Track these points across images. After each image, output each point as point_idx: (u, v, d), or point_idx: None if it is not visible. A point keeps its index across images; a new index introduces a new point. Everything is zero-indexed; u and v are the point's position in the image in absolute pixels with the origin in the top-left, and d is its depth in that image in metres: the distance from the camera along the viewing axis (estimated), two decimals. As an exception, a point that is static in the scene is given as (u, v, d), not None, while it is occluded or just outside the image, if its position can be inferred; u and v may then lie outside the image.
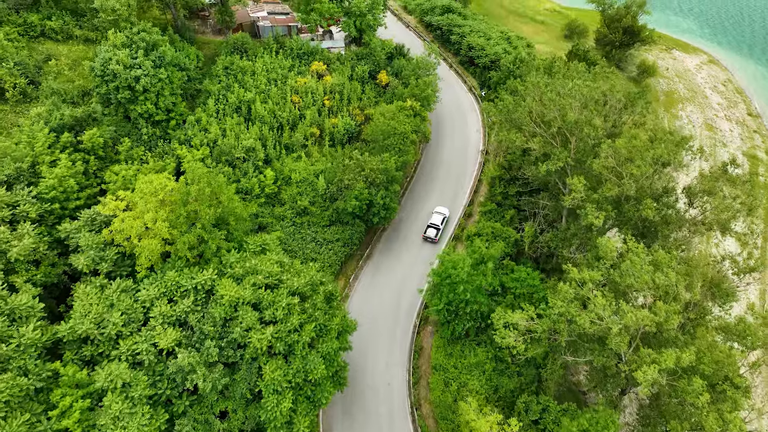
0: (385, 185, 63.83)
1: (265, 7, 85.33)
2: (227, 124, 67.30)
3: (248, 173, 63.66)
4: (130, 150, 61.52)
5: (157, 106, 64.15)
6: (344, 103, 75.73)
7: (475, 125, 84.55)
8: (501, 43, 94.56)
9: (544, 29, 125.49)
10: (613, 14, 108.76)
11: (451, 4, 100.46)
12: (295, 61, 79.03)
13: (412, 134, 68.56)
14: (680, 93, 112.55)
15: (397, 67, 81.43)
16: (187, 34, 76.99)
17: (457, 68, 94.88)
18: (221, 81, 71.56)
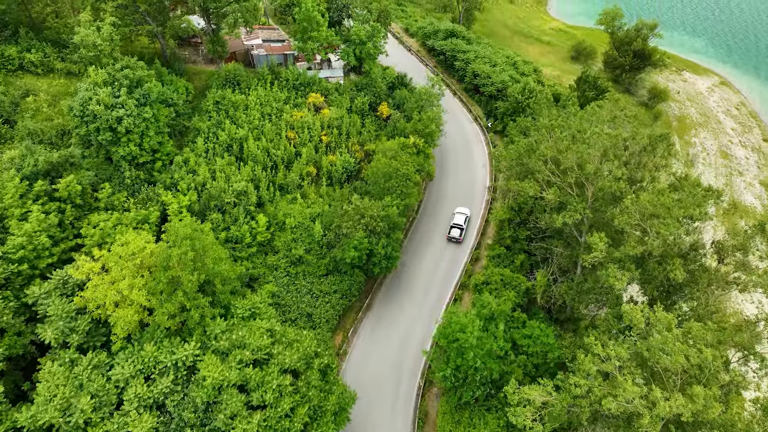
0: (387, 233, 59.13)
1: (259, 34, 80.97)
2: (217, 165, 62.64)
3: (239, 220, 58.96)
4: (110, 196, 56.89)
5: (142, 147, 59.55)
6: (343, 138, 71.17)
7: (481, 159, 79.90)
8: (507, 70, 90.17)
9: (550, 50, 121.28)
10: (623, 37, 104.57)
11: (455, 29, 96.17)
12: (291, 92, 74.53)
13: (416, 175, 63.93)
14: (693, 118, 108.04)
15: (399, 99, 76.91)
16: (176, 65, 72.47)
17: (461, 96, 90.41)
18: (211, 117, 66.96)
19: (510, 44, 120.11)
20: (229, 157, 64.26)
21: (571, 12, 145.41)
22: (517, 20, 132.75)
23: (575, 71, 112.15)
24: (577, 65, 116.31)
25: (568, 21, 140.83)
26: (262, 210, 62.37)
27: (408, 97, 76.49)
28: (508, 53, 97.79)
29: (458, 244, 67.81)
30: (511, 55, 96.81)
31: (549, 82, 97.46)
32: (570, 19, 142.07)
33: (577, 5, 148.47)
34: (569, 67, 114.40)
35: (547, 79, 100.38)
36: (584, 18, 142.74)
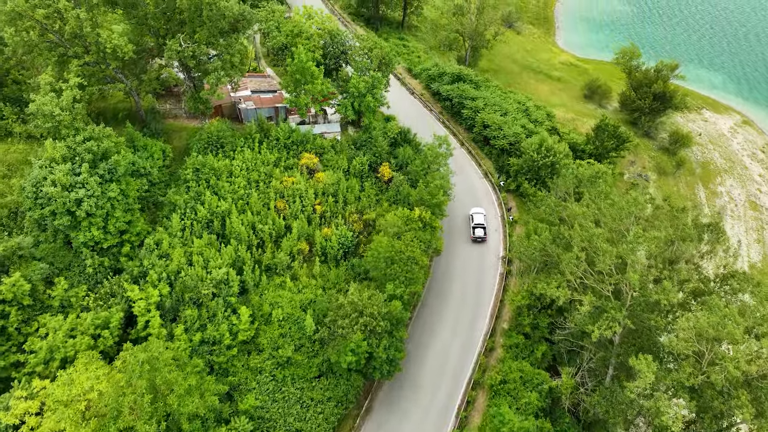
0: (389, 330, 50.71)
1: (248, 84, 73.21)
2: (194, 247, 54.38)
3: (217, 315, 50.53)
4: (67, 291, 48.63)
5: (106, 230, 51.36)
6: (339, 206, 62.96)
7: (492, 222, 71.58)
8: (519, 118, 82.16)
9: (561, 88, 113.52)
10: (641, 78, 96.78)
11: (462, 72, 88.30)
12: (282, 152, 66.41)
13: (422, 256, 55.64)
14: (717, 163, 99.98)
15: (403, 159, 68.79)
16: (153, 124, 64.43)
17: (469, 146, 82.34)
18: (189, 188, 58.75)
19: (519, 81, 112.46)
20: (209, 236, 55.92)
21: (579, 43, 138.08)
22: (525, 54, 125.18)
23: (589, 112, 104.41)
24: (591, 105, 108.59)
25: (578, 53, 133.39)
26: (245, 299, 53.94)
27: (412, 157, 68.36)
28: (519, 97, 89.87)
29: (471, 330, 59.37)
30: (522, 100, 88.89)
31: (564, 129, 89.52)
32: (579, 50, 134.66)
33: (585, 36, 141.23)
34: (583, 107, 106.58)
35: (561, 124, 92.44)
36: (594, 50, 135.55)
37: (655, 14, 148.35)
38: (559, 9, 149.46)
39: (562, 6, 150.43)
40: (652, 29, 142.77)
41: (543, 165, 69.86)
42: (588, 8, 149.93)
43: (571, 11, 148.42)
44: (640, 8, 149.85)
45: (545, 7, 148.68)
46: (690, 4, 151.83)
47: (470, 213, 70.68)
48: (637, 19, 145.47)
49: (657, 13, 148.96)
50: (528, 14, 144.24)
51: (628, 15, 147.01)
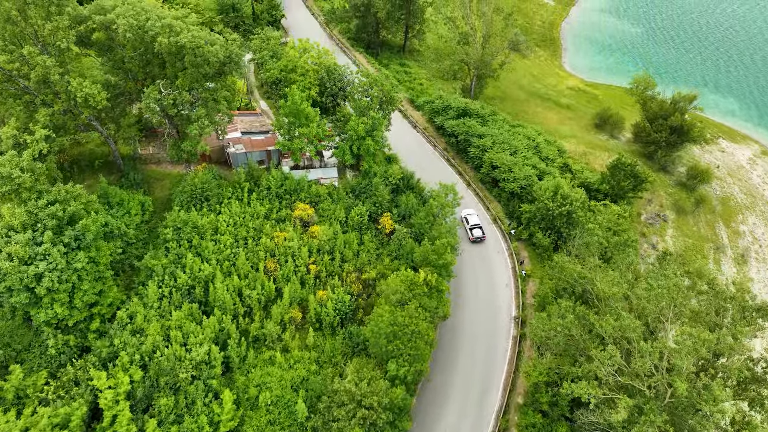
0: (391, 421, 44.55)
1: (238, 124, 67.41)
2: (173, 320, 48.30)
3: (196, 403, 44.37)
4: (24, 379, 42.54)
5: (72, 305, 45.36)
6: (336, 264, 56.93)
7: (503, 275, 65.47)
8: (530, 157, 76.23)
9: (570, 116, 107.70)
10: (657, 109, 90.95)
11: (468, 106, 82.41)
12: (274, 202, 60.46)
13: (428, 329, 49.47)
14: (737, 199, 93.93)
15: (405, 208, 62.82)
16: (132, 174, 58.52)
17: (476, 187, 76.37)
18: (170, 249, 52.72)
19: (526, 109, 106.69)
20: (189, 306, 49.80)
21: (586, 66, 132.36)
22: (531, 79, 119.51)
23: (601, 143, 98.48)
24: (603, 135, 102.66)
25: (586, 77, 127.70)
26: (229, 379, 47.74)
27: (416, 207, 62.40)
28: (529, 132, 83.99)
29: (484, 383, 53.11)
30: (532, 135, 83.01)
31: (576, 165, 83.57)
32: (587, 74, 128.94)
33: (592, 58, 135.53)
34: (594, 138, 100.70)
35: (573, 159, 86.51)
36: (602, 73, 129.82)
37: (662, 36, 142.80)
38: (566, 30, 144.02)
39: (568, 27, 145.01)
40: (661, 51, 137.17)
41: (558, 214, 63.87)
42: (594, 29, 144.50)
43: (577, 32, 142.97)
44: (647, 29, 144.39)
45: (551, 28, 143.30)
46: (698, 26, 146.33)
47: (463, 215, 70.15)
48: (645, 41, 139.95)
49: (665, 34, 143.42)
50: (533, 36, 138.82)
51: (636, 36, 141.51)
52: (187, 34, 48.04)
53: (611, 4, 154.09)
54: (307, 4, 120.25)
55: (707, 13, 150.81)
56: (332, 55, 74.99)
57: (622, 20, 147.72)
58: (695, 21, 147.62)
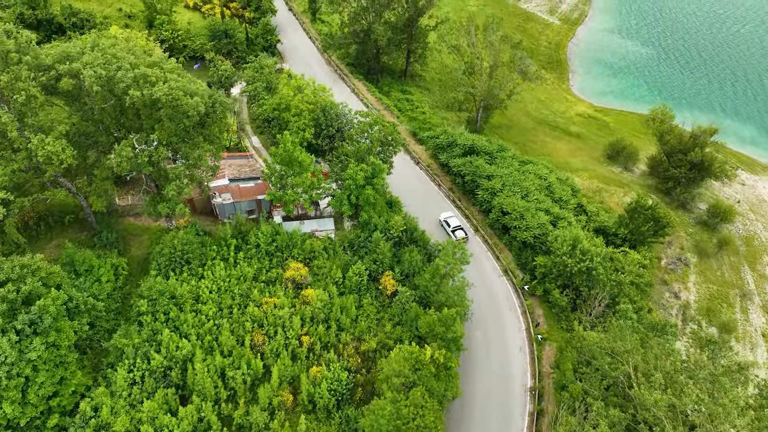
0: None
1: (225, 170, 61.43)
2: (144, 411, 42.15)
3: None
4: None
5: (26, 400, 39.24)
6: (332, 334, 50.80)
7: (516, 337, 59.23)
8: (542, 200, 70.19)
9: (581, 146, 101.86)
10: (675, 143, 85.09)
11: (475, 143, 76.34)
12: (263, 261, 54.42)
13: (437, 421, 43.20)
14: (761, 238, 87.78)
15: (409, 266, 56.67)
16: (105, 233, 52.52)
17: (484, 233, 70.29)
18: (144, 324, 46.68)
19: (535, 139, 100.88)
20: (164, 391, 43.63)
21: (595, 90, 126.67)
22: (539, 105, 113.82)
23: (615, 177, 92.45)
24: (616, 167, 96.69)
25: (595, 101, 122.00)
26: (208, 481, 41.58)
27: (420, 266, 56.30)
28: (539, 169, 77.84)
29: None
30: (543, 173, 76.92)
31: (591, 205, 77.44)
32: (596, 98, 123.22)
33: (601, 81, 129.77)
34: (607, 171, 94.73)
35: (588, 198, 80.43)
36: (612, 97, 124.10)
37: (672, 57, 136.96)
38: (573, 51, 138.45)
39: (575, 47, 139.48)
40: (671, 74, 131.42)
41: (577, 271, 57.77)
42: (603, 50, 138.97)
43: (585, 54, 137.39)
44: (657, 50, 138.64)
45: (557, 49, 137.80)
46: (706, 47, 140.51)
47: (442, 219, 69.39)
48: (655, 63, 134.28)
49: (674, 55, 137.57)
50: (539, 57, 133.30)
51: (645, 58, 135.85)
52: (162, 86, 42.11)
53: (618, 24, 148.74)
54: (304, 26, 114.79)
55: (714, 33, 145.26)
56: (329, 92, 69.09)
57: (631, 41, 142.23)
58: (703, 42, 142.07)
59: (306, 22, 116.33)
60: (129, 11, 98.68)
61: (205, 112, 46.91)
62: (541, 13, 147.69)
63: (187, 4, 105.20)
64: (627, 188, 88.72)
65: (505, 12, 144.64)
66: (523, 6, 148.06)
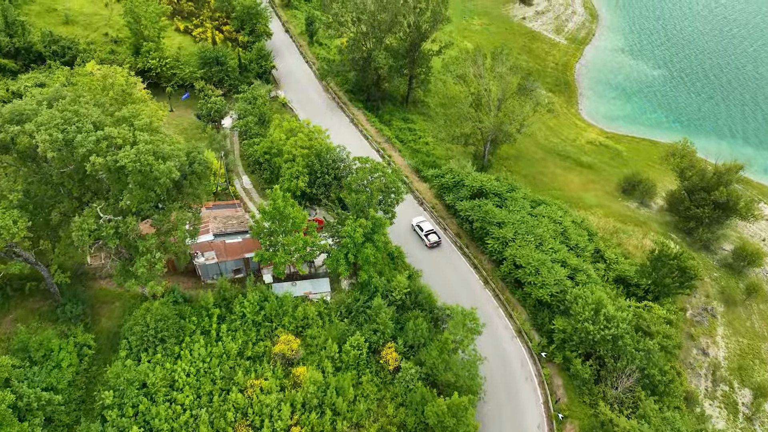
0: None
1: (210, 223, 55.05)
2: None
3: None
4: None
5: None
6: (326, 421, 44.44)
7: (533, 413, 52.67)
8: (558, 248, 63.75)
9: (593, 178, 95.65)
10: (697, 181, 78.94)
11: (484, 185, 69.92)
12: (250, 332, 48.07)
13: None
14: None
15: (414, 336, 50.22)
16: (68, 306, 46.25)
17: (495, 286, 63.85)
18: (108, 420, 40.32)
19: (545, 171, 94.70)
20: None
21: (605, 114, 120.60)
22: (548, 132, 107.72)
23: (633, 215, 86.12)
24: (632, 202, 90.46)
25: (605, 126, 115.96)
26: None
27: (426, 337, 49.95)
28: (553, 212, 71.26)
29: None
30: (557, 216, 70.48)
31: (610, 252, 71.09)
32: (606, 123, 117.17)
33: (611, 105, 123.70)
34: (622, 207, 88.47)
35: (605, 242, 74.11)
36: (623, 122, 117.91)
37: (684, 79, 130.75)
38: (581, 72, 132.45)
39: (583, 69, 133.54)
40: (683, 97, 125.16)
41: (601, 338, 51.45)
42: (611, 71, 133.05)
43: (593, 75, 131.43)
44: (667, 72, 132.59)
45: (564, 70, 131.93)
46: (720, 68, 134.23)
47: (414, 223, 68.41)
48: (666, 85, 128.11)
49: (686, 77, 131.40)
50: (546, 79, 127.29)
51: (656, 80, 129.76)
52: (129, 152, 35.97)
53: (627, 44, 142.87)
54: (301, 49, 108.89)
55: (723, 53, 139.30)
56: (326, 133, 62.88)
57: (640, 61, 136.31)
58: (713, 62, 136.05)
59: (303, 44, 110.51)
60: (116, 36, 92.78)
61: (183, 173, 40.76)
62: (548, 32, 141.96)
63: (177, 28, 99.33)
64: (645, 227, 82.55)
65: (510, 31, 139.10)
66: (529, 25, 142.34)
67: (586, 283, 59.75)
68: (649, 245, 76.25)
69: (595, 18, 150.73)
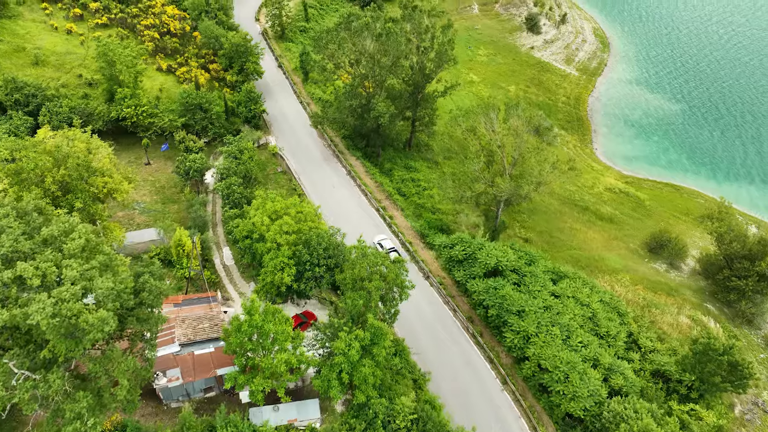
0: None
1: (176, 329, 44.94)
2: None
3: None
4: None
5: None
6: None
7: None
8: (588, 341, 54.30)
9: (616, 234, 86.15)
10: (738, 248, 69.52)
11: (500, 261, 59.74)
12: (220, 483, 38.56)
13: None
14: (843, 361, 71.77)
15: (422, 483, 40.91)
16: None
17: (514, 387, 53.76)
18: None
19: (562, 226, 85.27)
20: None
21: (622, 154, 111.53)
22: (564, 180, 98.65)
23: (663, 281, 76.38)
24: (660, 263, 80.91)
25: (622, 168, 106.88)
26: None
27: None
28: (578, 289, 61.55)
29: None
30: (584, 297, 60.83)
31: (643, 338, 61.37)
32: (624, 165, 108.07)
33: (626, 144, 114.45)
34: (650, 270, 78.86)
35: (637, 319, 64.57)
36: (642, 164, 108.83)
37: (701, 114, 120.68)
38: (594, 106, 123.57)
39: (596, 102, 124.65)
40: (703, 135, 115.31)
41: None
42: (626, 105, 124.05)
43: (607, 110, 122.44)
44: (685, 106, 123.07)
45: (577, 104, 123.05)
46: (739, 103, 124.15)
47: (376, 241, 65.88)
48: (683, 121, 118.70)
49: (703, 112, 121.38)
50: (558, 115, 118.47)
51: (674, 115, 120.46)
52: (46, 302, 26.47)
53: (641, 75, 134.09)
54: (295, 88, 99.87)
55: (742, 85, 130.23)
56: (317, 212, 53.34)
57: (657, 94, 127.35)
58: (731, 95, 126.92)
59: (297, 82, 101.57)
60: (90, 78, 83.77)
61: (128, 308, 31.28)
62: (557, 62, 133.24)
63: (159, 67, 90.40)
64: (678, 297, 72.95)
65: (518, 62, 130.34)
66: (538, 54, 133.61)
67: (626, 392, 50.16)
68: (687, 324, 66.80)
69: (606, 46, 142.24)
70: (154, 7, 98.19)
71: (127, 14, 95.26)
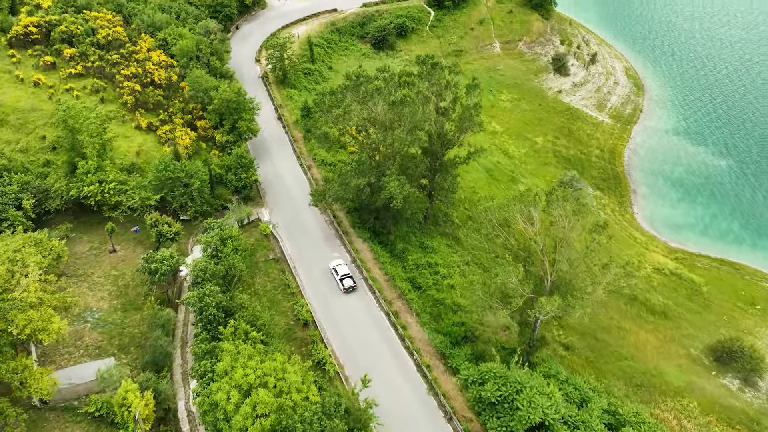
0: None
1: None
2: None
3: None
4: None
5: None
6: None
7: None
8: None
9: (671, 333, 70.82)
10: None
11: (547, 413, 45.81)
12: None
13: None
14: None
15: None
16: None
17: None
18: None
19: (609, 325, 70.08)
20: None
21: (667, 220, 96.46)
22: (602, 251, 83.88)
23: (739, 408, 60.96)
24: (728, 377, 65.66)
25: (669, 239, 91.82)
26: None
27: None
28: None
29: None
30: None
31: None
32: (670, 235, 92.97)
33: (671, 208, 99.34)
34: (719, 389, 63.57)
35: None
36: (691, 233, 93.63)
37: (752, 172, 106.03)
38: (631, 160, 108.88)
39: (633, 155, 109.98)
40: (762, 200, 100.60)
41: None
42: (666, 160, 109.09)
43: (647, 165, 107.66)
44: (738, 163, 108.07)
45: (612, 157, 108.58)
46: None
47: (332, 267, 62.92)
48: (741, 181, 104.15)
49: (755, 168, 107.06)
50: (592, 172, 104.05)
51: (726, 173, 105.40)
52: None
53: (679, 123, 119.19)
54: (295, 146, 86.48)
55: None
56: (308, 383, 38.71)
57: (700, 147, 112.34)
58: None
59: (298, 138, 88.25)
60: (54, 140, 70.85)
61: None
62: (588, 108, 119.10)
63: (139, 125, 77.37)
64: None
65: (545, 108, 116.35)
66: (566, 99, 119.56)
67: None
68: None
69: (640, 89, 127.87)
70: (138, 53, 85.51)
71: (106, 62, 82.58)
